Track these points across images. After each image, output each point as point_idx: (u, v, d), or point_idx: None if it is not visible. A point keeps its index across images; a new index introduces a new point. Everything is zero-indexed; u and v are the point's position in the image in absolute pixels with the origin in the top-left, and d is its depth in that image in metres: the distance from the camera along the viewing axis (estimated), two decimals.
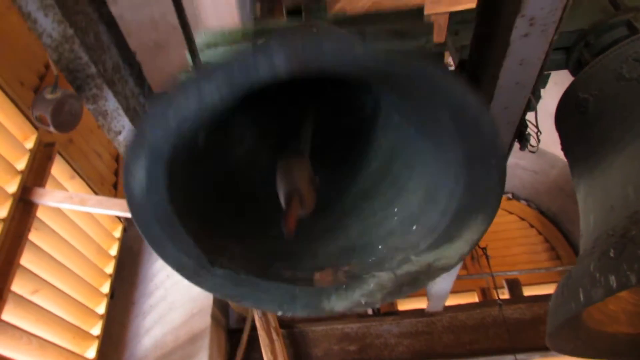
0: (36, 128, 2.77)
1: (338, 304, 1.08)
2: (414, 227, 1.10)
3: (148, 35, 3.77)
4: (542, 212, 5.20)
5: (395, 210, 1.19)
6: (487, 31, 1.19)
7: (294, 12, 1.44)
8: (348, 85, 1.17)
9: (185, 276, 1.05)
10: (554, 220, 5.11)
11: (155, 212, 0.95)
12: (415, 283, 1.06)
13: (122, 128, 1.40)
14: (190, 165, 1.03)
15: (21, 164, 2.66)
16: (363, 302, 1.08)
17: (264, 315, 2.78)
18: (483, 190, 0.93)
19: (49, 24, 1.09)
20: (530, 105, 1.63)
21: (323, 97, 1.35)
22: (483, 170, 0.89)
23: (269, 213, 1.25)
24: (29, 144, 2.74)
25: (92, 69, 1.21)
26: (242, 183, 1.31)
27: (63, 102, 1.18)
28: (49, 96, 1.15)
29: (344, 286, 1.08)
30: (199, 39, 1.76)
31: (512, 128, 1.33)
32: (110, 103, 1.31)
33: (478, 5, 1.20)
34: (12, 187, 2.56)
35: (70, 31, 1.11)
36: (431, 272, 1.05)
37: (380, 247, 1.16)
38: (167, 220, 0.96)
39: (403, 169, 1.22)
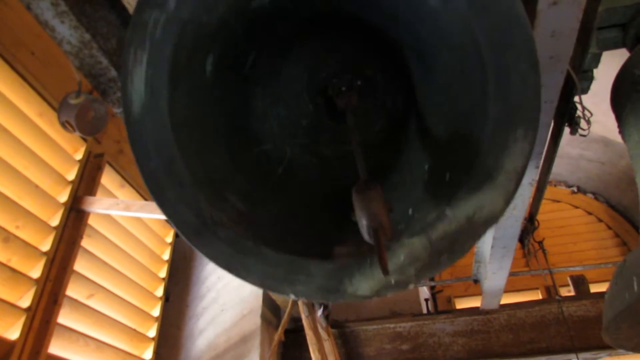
0: (85, 140, 2.88)
1: (362, 285, 0.91)
2: (447, 176, 0.93)
3: None
4: (611, 206, 4.91)
5: (426, 167, 1.04)
6: None
7: None
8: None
9: (184, 235, 0.93)
10: (625, 214, 4.80)
11: (155, 137, 0.86)
12: (455, 248, 0.87)
13: None
14: (196, 95, 0.94)
15: (71, 175, 2.78)
16: (393, 281, 0.89)
17: (310, 314, 2.76)
18: (515, 87, 0.78)
19: (67, 31, 1.11)
20: (577, 86, 1.52)
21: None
22: (509, 57, 0.77)
23: (283, 174, 1.17)
24: (79, 156, 2.86)
25: (113, 73, 1.22)
26: (256, 134, 1.20)
27: (87, 106, 1.21)
28: (72, 101, 1.17)
29: (369, 261, 0.91)
30: None
31: (551, 107, 1.23)
32: None
33: None
34: (64, 197, 2.68)
35: (87, 36, 1.13)
36: (473, 228, 0.86)
37: (410, 211, 0.99)
38: (167, 151, 0.87)
39: (429, 115, 1.07)
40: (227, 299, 3.43)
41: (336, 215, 0.98)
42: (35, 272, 2.41)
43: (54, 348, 2.34)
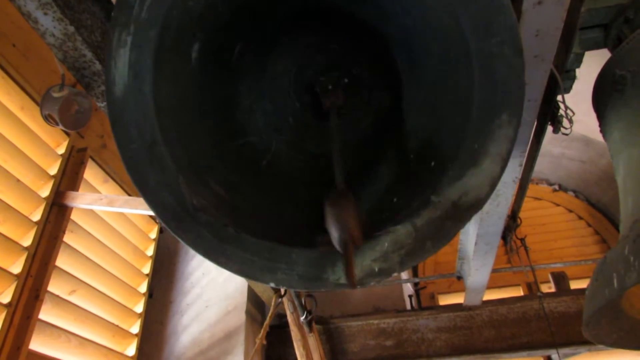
0: (67, 134, 2.84)
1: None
2: (432, 163, 0.93)
3: None
4: (591, 204, 4.99)
5: (411, 156, 1.04)
6: None
7: None
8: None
9: (164, 219, 0.91)
10: (605, 212, 4.89)
11: (137, 119, 0.84)
12: (440, 234, 0.86)
13: None
14: (182, 80, 0.93)
15: (53, 170, 2.74)
16: (377, 269, 0.88)
17: (295, 310, 2.76)
18: (499, 70, 0.79)
19: (50, 23, 1.10)
20: (559, 85, 1.54)
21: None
22: (493, 39, 0.78)
23: (267, 166, 1.18)
24: (61, 150, 2.82)
25: (98, 66, 1.21)
26: (241, 125, 1.20)
27: (70, 100, 1.19)
28: (55, 95, 1.15)
29: (362, 243, 0.88)
30: None
31: (534, 106, 1.24)
32: None
33: None
34: (45, 191, 2.64)
35: (71, 28, 1.11)
36: (458, 213, 0.85)
37: (395, 199, 0.99)
38: (149, 135, 0.86)
39: (413, 101, 1.09)
40: (211, 295, 3.41)
41: (320, 205, 0.96)
42: (16, 267, 2.38)
43: (35, 344, 2.31)
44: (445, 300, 4.52)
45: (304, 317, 2.74)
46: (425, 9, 0.90)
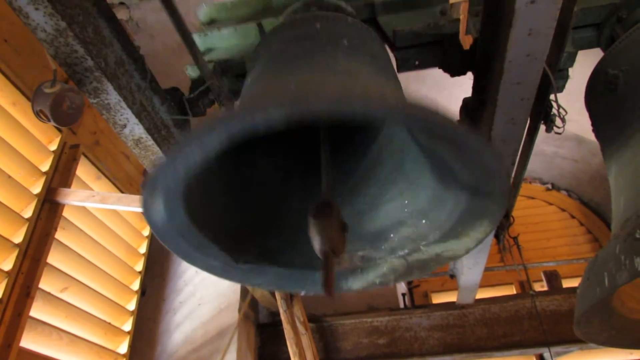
0: (60, 130, 2.82)
1: (355, 283, 1.18)
2: (424, 221, 1.14)
3: (172, 36, 3.80)
4: (583, 203, 5.02)
5: (406, 202, 1.22)
6: (494, 2, 1.13)
7: None
8: None
9: (214, 274, 1.15)
10: (597, 211, 4.92)
11: (179, 232, 1.00)
12: (425, 268, 1.15)
13: (127, 121, 1.39)
14: (206, 187, 1.08)
15: (45, 166, 2.73)
16: (377, 282, 1.17)
17: (289, 308, 2.77)
18: (487, 203, 0.95)
19: (41, 18, 1.09)
20: (552, 84, 1.55)
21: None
22: (486, 189, 0.91)
23: (283, 214, 1.33)
24: (53, 147, 2.80)
25: (90, 62, 1.20)
26: (257, 193, 1.36)
27: (62, 96, 1.18)
28: (47, 90, 1.14)
29: (360, 269, 1.18)
30: (202, 14, 1.74)
31: (527, 105, 1.25)
32: (112, 96, 1.31)
33: None
34: (37, 188, 2.62)
35: (62, 24, 1.10)
36: (439, 260, 1.12)
37: (392, 235, 1.20)
38: (192, 237, 1.03)
39: (414, 164, 1.22)
40: (204, 293, 3.41)
41: None
42: (7, 264, 2.36)
43: (25, 342, 2.30)
44: (438, 298, 4.54)
45: None
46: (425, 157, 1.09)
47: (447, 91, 3.25)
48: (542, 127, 1.69)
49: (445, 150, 0.90)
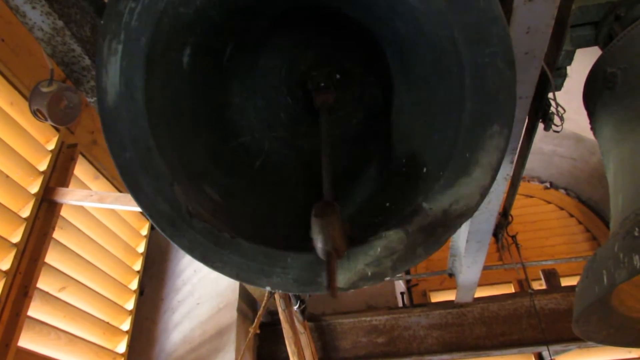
0: (57, 130, 2.82)
1: (339, 278, 0.91)
2: (424, 169, 0.95)
3: None
4: (582, 201, 5.02)
5: (403, 160, 1.06)
6: None
7: None
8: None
9: (159, 226, 0.93)
10: (596, 209, 4.92)
11: (130, 127, 0.85)
12: (431, 240, 0.89)
13: None
14: (174, 86, 0.93)
15: (43, 166, 2.72)
16: (369, 273, 0.91)
17: (287, 308, 2.76)
18: (491, 81, 0.80)
19: (38, 17, 1.08)
20: (550, 83, 1.55)
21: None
22: (485, 52, 0.79)
23: (261, 167, 1.19)
24: (51, 146, 2.79)
25: (87, 61, 1.20)
26: (234, 126, 1.20)
27: (60, 95, 1.18)
28: (44, 89, 1.14)
29: (347, 253, 0.90)
30: None
31: (526, 103, 1.25)
32: None
33: None
34: (35, 187, 2.62)
35: (60, 23, 1.10)
36: (449, 221, 0.88)
37: (387, 204, 1.01)
38: (143, 142, 0.87)
39: (405, 105, 1.10)
40: (203, 293, 3.40)
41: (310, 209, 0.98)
42: (5, 264, 2.36)
43: (23, 341, 2.30)
44: (436, 297, 4.53)
45: (297, 306, 2.73)
46: (418, 16, 0.89)
47: None
48: (541, 126, 1.69)
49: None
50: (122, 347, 3.06)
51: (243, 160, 1.19)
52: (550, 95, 1.58)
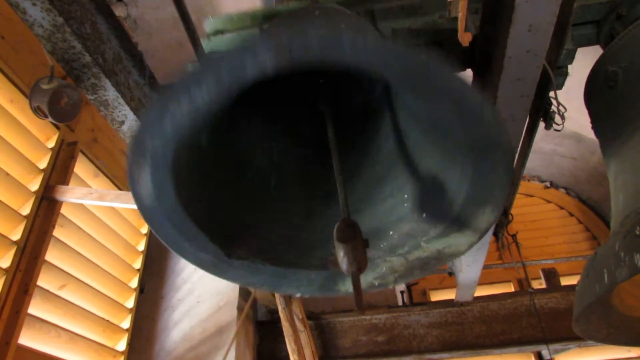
0: (57, 127, 2.82)
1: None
2: (424, 215, 1.11)
3: (170, 33, 3.79)
4: (582, 200, 5.03)
5: (406, 196, 1.19)
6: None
7: None
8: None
9: (204, 269, 1.09)
10: (596, 209, 4.92)
11: (168, 215, 0.96)
12: (425, 267, 1.10)
13: (125, 118, 1.39)
14: (197, 165, 1.04)
15: (43, 163, 2.72)
16: (376, 283, 1.13)
17: (287, 306, 2.76)
18: (490, 181, 0.92)
19: (38, 13, 1.08)
20: (552, 81, 1.55)
21: (332, 81, 1.32)
22: (489, 161, 0.89)
23: (280, 204, 1.28)
24: (51, 144, 2.79)
25: (87, 58, 1.19)
26: (253, 177, 1.31)
27: (60, 92, 1.17)
28: (45, 87, 1.14)
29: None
30: (208, 26, 1.74)
31: (527, 102, 1.24)
32: (110, 93, 1.30)
33: None
34: (35, 185, 2.62)
35: (60, 19, 1.10)
36: (441, 257, 1.08)
37: (391, 232, 1.17)
38: (181, 222, 0.99)
39: (414, 154, 1.21)
40: (203, 291, 3.40)
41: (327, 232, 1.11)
42: (5, 261, 2.35)
43: (24, 339, 2.30)
44: (436, 296, 4.54)
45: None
46: (431, 118, 1.01)
47: None
48: (541, 125, 1.69)
49: (442, 111, 0.86)
50: (122, 345, 3.06)
51: (261, 185, 1.30)
52: (552, 94, 1.58)
